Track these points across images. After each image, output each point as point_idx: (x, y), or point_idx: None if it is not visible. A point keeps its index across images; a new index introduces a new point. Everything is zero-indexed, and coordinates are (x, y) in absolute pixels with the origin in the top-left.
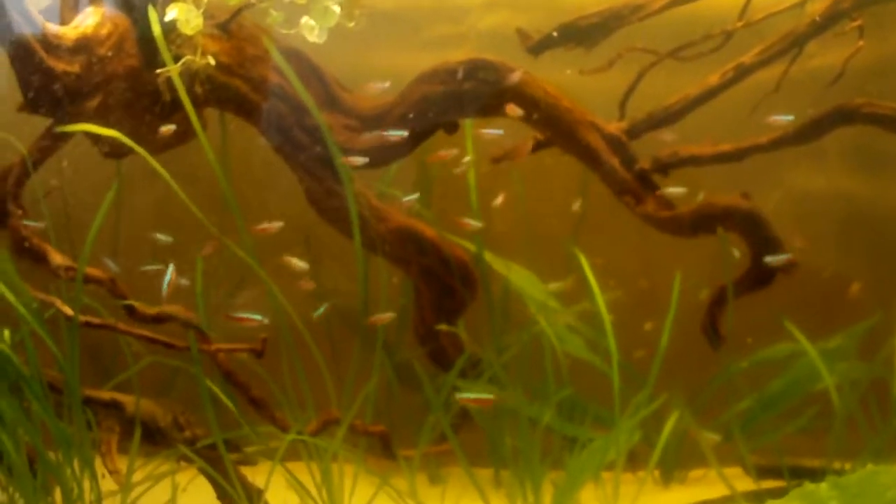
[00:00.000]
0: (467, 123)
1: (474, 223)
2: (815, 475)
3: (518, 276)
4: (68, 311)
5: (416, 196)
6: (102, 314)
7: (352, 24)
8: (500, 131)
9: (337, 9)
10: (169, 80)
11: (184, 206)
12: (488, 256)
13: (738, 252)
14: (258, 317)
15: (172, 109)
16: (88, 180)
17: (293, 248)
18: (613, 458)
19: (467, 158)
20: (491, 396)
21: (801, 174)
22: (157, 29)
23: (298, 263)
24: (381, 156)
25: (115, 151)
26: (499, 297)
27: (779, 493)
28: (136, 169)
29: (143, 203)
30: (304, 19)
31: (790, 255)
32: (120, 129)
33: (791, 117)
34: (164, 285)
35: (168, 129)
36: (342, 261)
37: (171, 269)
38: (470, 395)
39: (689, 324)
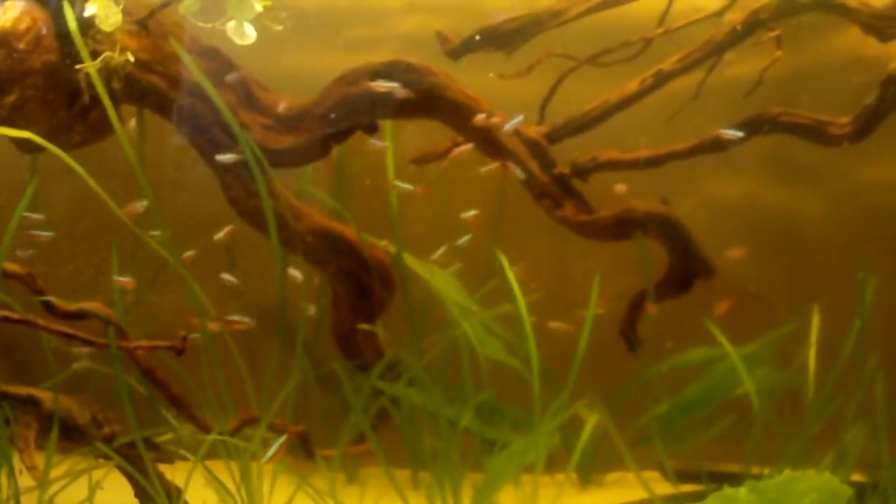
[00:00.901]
0: (387, 124)
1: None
2: (734, 480)
3: (439, 279)
4: None
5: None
6: (17, 310)
7: (279, 28)
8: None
9: (258, 5)
10: (87, 77)
11: (103, 202)
12: (409, 258)
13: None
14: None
15: (90, 105)
16: (6, 177)
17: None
18: (533, 460)
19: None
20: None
21: (718, 182)
22: (73, 24)
23: (230, 279)
24: (301, 156)
25: (32, 147)
26: (419, 299)
27: (697, 496)
28: (56, 164)
29: (62, 199)
30: (231, 23)
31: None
32: (37, 125)
33: (741, 133)
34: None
35: None
36: (260, 260)
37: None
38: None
39: (609, 327)
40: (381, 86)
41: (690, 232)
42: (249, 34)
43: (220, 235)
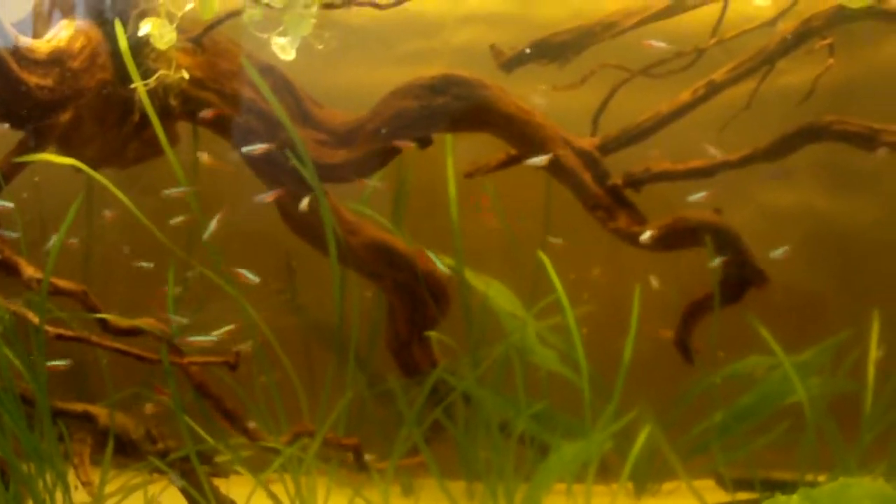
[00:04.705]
0: (447, 138)
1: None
2: (787, 488)
3: (496, 293)
4: (35, 319)
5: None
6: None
7: (321, 47)
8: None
9: (312, 19)
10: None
11: (156, 219)
12: (468, 273)
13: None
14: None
15: (145, 123)
16: (61, 193)
17: (270, 263)
18: (584, 469)
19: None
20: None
21: (772, 191)
22: (124, 43)
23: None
24: (355, 170)
25: (88, 163)
26: (476, 312)
27: None
28: (118, 179)
29: (116, 216)
30: (276, 39)
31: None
32: (92, 143)
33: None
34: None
35: None
36: (317, 275)
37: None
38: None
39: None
40: None
41: (743, 241)
42: (290, 52)
43: (211, 228)
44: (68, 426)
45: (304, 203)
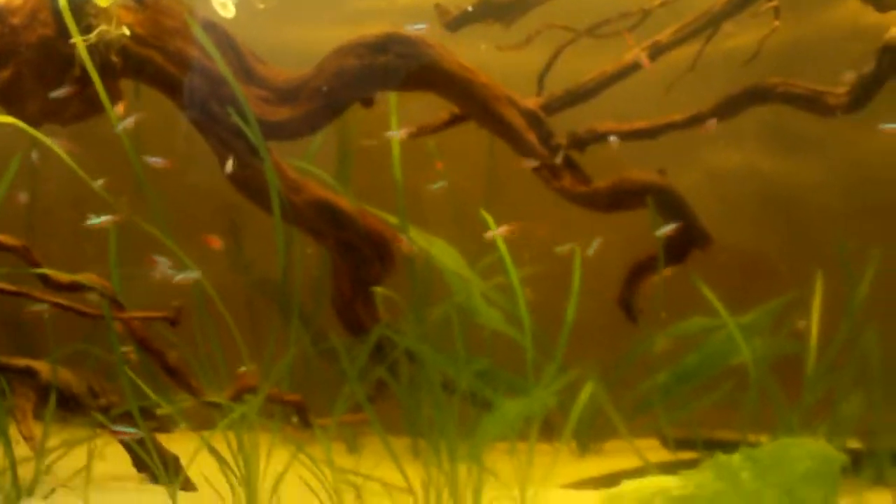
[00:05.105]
0: (391, 97)
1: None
2: (729, 447)
3: (439, 251)
4: None
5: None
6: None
7: (262, 6)
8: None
9: None
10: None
11: (98, 172)
12: (411, 231)
13: None
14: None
15: (87, 80)
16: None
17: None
18: (527, 427)
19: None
20: None
21: (718, 152)
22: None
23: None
24: (298, 128)
25: (28, 120)
26: (420, 270)
27: (692, 464)
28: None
29: (61, 174)
30: None
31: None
32: (33, 99)
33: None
34: None
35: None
36: (261, 232)
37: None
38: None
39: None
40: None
41: (687, 202)
42: (231, 8)
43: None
44: (10, 381)
45: (229, 164)
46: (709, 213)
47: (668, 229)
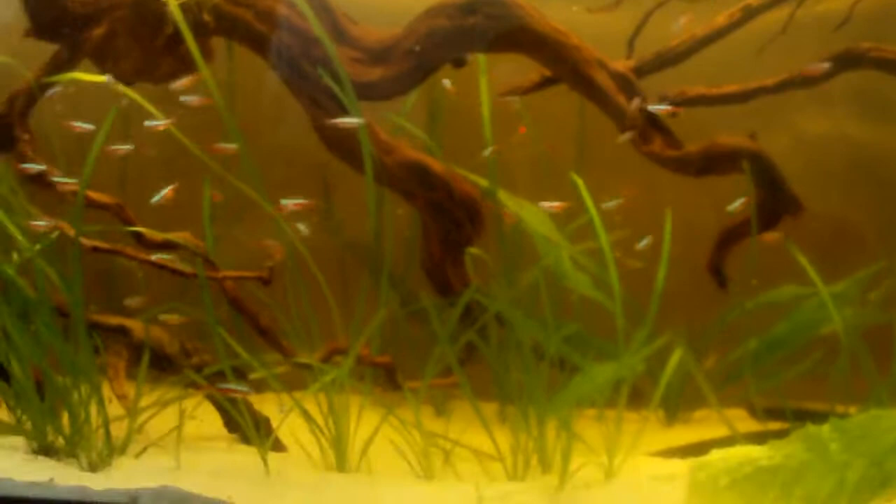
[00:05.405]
0: (480, 58)
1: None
2: (819, 418)
3: (529, 214)
4: (71, 231)
5: None
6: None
7: None
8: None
9: None
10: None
11: (193, 136)
12: (501, 194)
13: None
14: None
15: (179, 38)
16: (98, 111)
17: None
18: (616, 394)
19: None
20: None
21: (807, 118)
22: None
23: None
24: (390, 89)
25: (121, 78)
26: (510, 233)
27: (782, 434)
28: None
29: (151, 133)
30: None
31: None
32: (126, 58)
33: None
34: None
35: None
36: (353, 193)
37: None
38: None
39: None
40: None
41: (778, 167)
42: None
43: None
44: (103, 339)
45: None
46: (797, 179)
47: (738, 204)
